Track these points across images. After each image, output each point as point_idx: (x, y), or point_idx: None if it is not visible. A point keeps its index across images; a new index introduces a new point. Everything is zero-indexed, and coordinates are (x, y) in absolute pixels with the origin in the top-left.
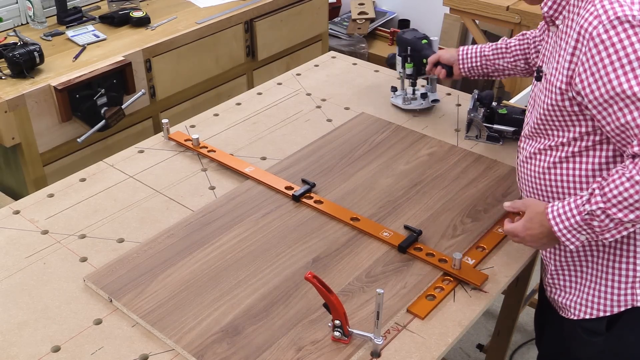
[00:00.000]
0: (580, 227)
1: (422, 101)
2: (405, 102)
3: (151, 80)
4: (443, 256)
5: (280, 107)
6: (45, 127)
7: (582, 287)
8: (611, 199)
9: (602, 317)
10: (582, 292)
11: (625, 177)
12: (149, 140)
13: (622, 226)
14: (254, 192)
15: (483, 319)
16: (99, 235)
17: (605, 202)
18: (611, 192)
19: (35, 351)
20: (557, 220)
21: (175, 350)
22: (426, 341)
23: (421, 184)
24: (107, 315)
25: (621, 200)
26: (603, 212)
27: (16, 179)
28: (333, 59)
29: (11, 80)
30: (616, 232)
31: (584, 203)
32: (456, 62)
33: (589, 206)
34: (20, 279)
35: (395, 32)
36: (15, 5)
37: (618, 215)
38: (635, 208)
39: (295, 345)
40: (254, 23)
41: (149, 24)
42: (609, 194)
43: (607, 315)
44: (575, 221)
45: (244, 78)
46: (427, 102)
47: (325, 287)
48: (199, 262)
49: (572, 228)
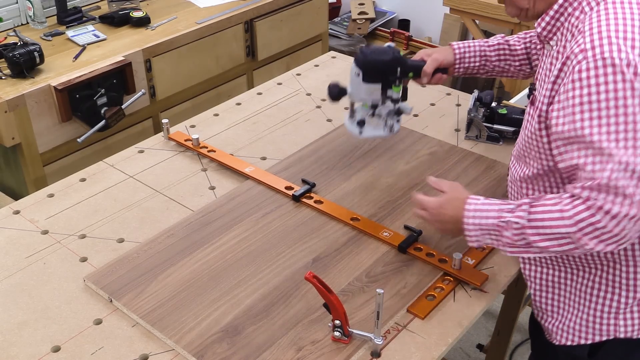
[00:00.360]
0: (490, 231)
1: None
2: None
3: (151, 80)
4: (443, 256)
5: (280, 107)
6: (45, 127)
7: (564, 313)
8: (534, 221)
9: (584, 344)
10: (564, 317)
11: (557, 209)
12: (149, 140)
13: (530, 248)
14: (254, 192)
15: (483, 319)
16: (99, 235)
17: (528, 221)
18: (538, 214)
19: (35, 351)
20: (472, 214)
21: (175, 350)
22: (426, 341)
23: (421, 184)
24: (107, 315)
25: (543, 227)
26: (520, 228)
27: (16, 179)
28: (333, 59)
29: (11, 80)
30: (518, 251)
31: (506, 210)
32: (452, 63)
33: (510, 216)
34: (20, 279)
35: (396, 32)
36: (15, 5)
37: (532, 237)
38: (550, 239)
39: (295, 345)
40: (254, 23)
41: (149, 24)
42: (535, 215)
43: (589, 343)
44: (489, 223)
45: (244, 78)
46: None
47: (325, 287)
48: (199, 262)
49: (481, 228)
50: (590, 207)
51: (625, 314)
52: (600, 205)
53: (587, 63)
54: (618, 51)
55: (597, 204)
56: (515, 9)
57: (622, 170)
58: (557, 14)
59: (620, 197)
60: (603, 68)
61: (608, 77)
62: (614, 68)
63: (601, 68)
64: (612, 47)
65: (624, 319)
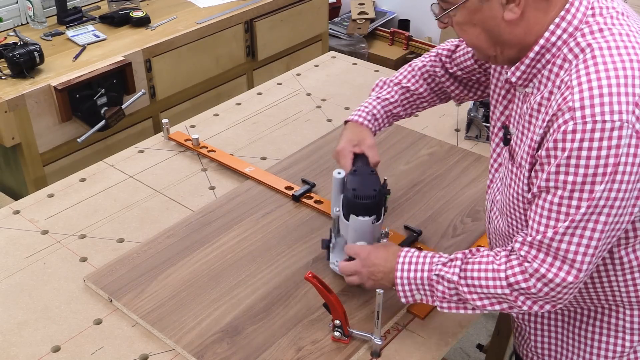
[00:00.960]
0: (422, 285)
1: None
2: None
3: (151, 80)
4: None
5: (280, 107)
6: (45, 127)
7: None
8: (467, 278)
9: None
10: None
11: (491, 268)
12: (149, 140)
13: (465, 304)
14: (254, 192)
15: (483, 319)
16: (99, 235)
17: (461, 278)
18: (471, 272)
19: (35, 351)
20: (405, 267)
21: (175, 350)
22: (426, 341)
23: (421, 184)
24: (107, 315)
25: (476, 285)
26: (454, 284)
27: (16, 179)
28: (333, 59)
29: (11, 80)
30: (455, 307)
31: (439, 263)
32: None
33: (443, 269)
34: (20, 279)
35: (396, 32)
36: (15, 5)
37: (466, 295)
38: (485, 297)
39: (295, 345)
40: (254, 23)
41: (149, 24)
42: (469, 272)
43: None
44: (421, 276)
45: (244, 78)
46: None
47: (325, 287)
48: (199, 262)
49: (413, 282)
50: (525, 270)
51: (629, 355)
52: (536, 268)
53: (575, 124)
54: (610, 112)
55: (533, 266)
56: (483, 56)
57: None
58: (534, 62)
59: (559, 261)
60: (591, 132)
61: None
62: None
63: (588, 132)
64: (604, 108)
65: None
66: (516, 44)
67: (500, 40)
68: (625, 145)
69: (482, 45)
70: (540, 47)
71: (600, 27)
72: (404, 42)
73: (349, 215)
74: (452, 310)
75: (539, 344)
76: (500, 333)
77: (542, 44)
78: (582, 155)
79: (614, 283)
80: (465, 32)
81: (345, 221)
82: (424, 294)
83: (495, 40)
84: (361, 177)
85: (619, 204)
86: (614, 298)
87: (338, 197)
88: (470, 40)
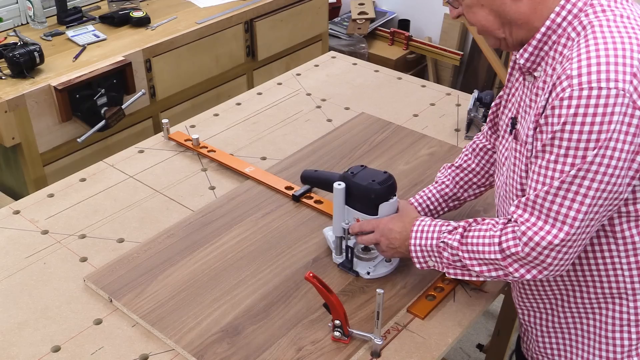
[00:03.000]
0: (432, 252)
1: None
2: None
3: (151, 80)
4: None
5: (280, 107)
6: (45, 127)
7: (574, 357)
8: (467, 245)
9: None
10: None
11: (488, 235)
12: (149, 140)
13: (467, 270)
14: (254, 192)
15: (483, 319)
16: (99, 235)
17: (462, 244)
18: (470, 239)
19: (35, 351)
20: (418, 234)
21: (175, 350)
22: (426, 341)
23: (421, 184)
24: (107, 315)
25: (474, 251)
26: (455, 249)
27: (16, 179)
28: (333, 59)
29: (11, 80)
30: (460, 273)
31: (446, 231)
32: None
33: (448, 237)
34: (20, 279)
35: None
36: (15, 5)
37: (466, 261)
38: (484, 263)
39: (295, 345)
40: (254, 23)
41: (149, 24)
42: (468, 239)
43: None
44: (430, 244)
45: (244, 78)
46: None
47: (325, 287)
48: (199, 262)
49: (425, 249)
50: (516, 235)
51: (638, 349)
52: (524, 231)
53: (571, 90)
54: (607, 80)
55: (521, 229)
56: (493, 40)
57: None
58: (541, 44)
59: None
60: (587, 99)
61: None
62: (598, 100)
63: (584, 98)
64: (601, 76)
65: (637, 355)
66: (523, 24)
67: (508, 20)
68: (621, 113)
69: (491, 27)
70: (547, 28)
71: (603, 8)
72: (404, 42)
73: (376, 209)
74: (458, 276)
75: (547, 345)
76: (500, 333)
77: (548, 25)
78: (577, 121)
79: (617, 265)
80: (475, 14)
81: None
82: (435, 261)
83: (503, 20)
84: (363, 170)
85: (611, 171)
86: (618, 286)
87: (344, 209)
88: (479, 22)
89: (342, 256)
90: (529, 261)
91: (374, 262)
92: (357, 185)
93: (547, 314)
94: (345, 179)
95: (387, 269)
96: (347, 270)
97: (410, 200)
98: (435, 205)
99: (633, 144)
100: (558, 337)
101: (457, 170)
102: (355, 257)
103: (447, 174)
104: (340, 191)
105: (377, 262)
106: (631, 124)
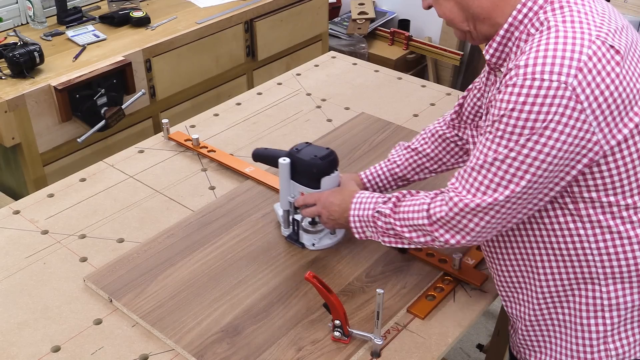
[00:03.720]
0: (368, 222)
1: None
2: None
3: (151, 80)
4: (443, 256)
5: (280, 107)
6: (45, 127)
7: (552, 346)
8: (399, 212)
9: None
10: (553, 350)
11: (419, 202)
12: (149, 140)
13: (399, 238)
14: (254, 192)
15: (483, 319)
16: (99, 235)
17: (394, 212)
18: (403, 207)
19: (35, 351)
20: (357, 206)
21: (175, 350)
22: (426, 341)
23: (421, 184)
24: (107, 315)
25: (405, 218)
26: (388, 217)
27: (16, 179)
28: (333, 59)
29: (11, 80)
30: (394, 241)
31: (380, 202)
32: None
33: (382, 206)
34: (20, 279)
35: (396, 32)
36: (15, 5)
37: (398, 228)
38: (413, 230)
39: (295, 345)
40: (254, 23)
41: (149, 24)
42: (401, 207)
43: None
44: (367, 215)
45: (244, 78)
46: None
47: (325, 287)
48: (199, 262)
49: (363, 219)
50: (443, 201)
51: (614, 336)
52: (451, 197)
53: (516, 79)
54: (550, 72)
55: (449, 195)
56: (460, 32)
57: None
58: (504, 40)
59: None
60: (528, 88)
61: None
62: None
63: (526, 88)
64: (545, 68)
65: (612, 341)
66: (485, 19)
67: (471, 14)
68: (561, 105)
69: (455, 19)
70: (509, 24)
71: (561, 4)
72: (404, 42)
73: (319, 182)
74: (392, 244)
75: (527, 336)
76: (500, 333)
77: (510, 22)
78: (517, 108)
79: (587, 250)
80: (441, 6)
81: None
82: (372, 231)
83: (467, 14)
84: (307, 147)
85: (542, 157)
86: (590, 271)
87: (289, 184)
88: (445, 14)
89: (289, 229)
90: (452, 225)
91: (319, 235)
92: (301, 160)
93: (523, 303)
94: (291, 155)
95: (332, 241)
96: (294, 242)
97: (360, 174)
98: (384, 182)
99: (571, 136)
100: (535, 327)
101: (412, 152)
102: (301, 230)
103: (401, 154)
104: (285, 166)
105: (323, 235)
106: (571, 117)
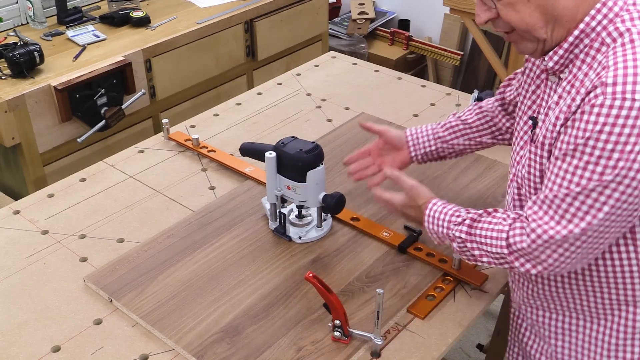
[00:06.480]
0: (445, 238)
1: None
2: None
3: (151, 80)
4: (443, 256)
5: (280, 107)
6: (45, 127)
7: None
8: (474, 236)
9: None
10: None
11: (496, 229)
12: (149, 140)
13: (476, 260)
14: (254, 192)
15: (483, 319)
16: (99, 235)
17: (469, 235)
18: (479, 230)
19: (35, 351)
20: (430, 219)
21: (175, 350)
22: (426, 341)
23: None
24: (107, 315)
25: (482, 243)
26: (463, 242)
27: (16, 179)
28: (333, 59)
29: (11, 80)
30: (467, 259)
31: (454, 223)
32: (406, 147)
33: (455, 228)
34: (20, 279)
35: (396, 32)
36: (15, 5)
37: (475, 252)
38: (488, 255)
39: (295, 345)
40: (254, 23)
41: (149, 24)
42: (476, 230)
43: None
44: (442, 232)
45: (244, 78)
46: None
47: (325, 287)
48: (199, 262)
49: (438, 235)
50: (524, 231)
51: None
52: (533, 228)
53: (604, 99)
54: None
55: (531, 226)
56: (532, 44)
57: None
58: (572, 47)
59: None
60: (618, 109)
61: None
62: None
63: (616, 109)
64: (637, 87)
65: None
66: (567, 21)
67: (554, 16)
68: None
69: (535, 25)
70: (580, 31)
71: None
72: (404, 42)
73: (304, 176)
74: (470, 261)
75: (559, 348)
76: (500, 333)
77: (582, 29)
78: (605, 130)
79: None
80: (518, 12)
81: (301, 184)
82: (449, 244)
83: (549, 17)
84: (293, 141)
85: (635, 184)
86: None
87: (275, 177)
88: (523, 20)
89: (276, 222)
90: (535, 256)
91: (306, 228)
92: (287, 154)
93: (560, 314)
94: (277, 149)
95: (318, 234)
96: (281, 235)
97: (406, 130)
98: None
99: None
100: (570, 340)
101: (457, 119)
102: (288, 223)
103: (447, 121)
104: (271, 160)
105: (310, 228)
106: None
